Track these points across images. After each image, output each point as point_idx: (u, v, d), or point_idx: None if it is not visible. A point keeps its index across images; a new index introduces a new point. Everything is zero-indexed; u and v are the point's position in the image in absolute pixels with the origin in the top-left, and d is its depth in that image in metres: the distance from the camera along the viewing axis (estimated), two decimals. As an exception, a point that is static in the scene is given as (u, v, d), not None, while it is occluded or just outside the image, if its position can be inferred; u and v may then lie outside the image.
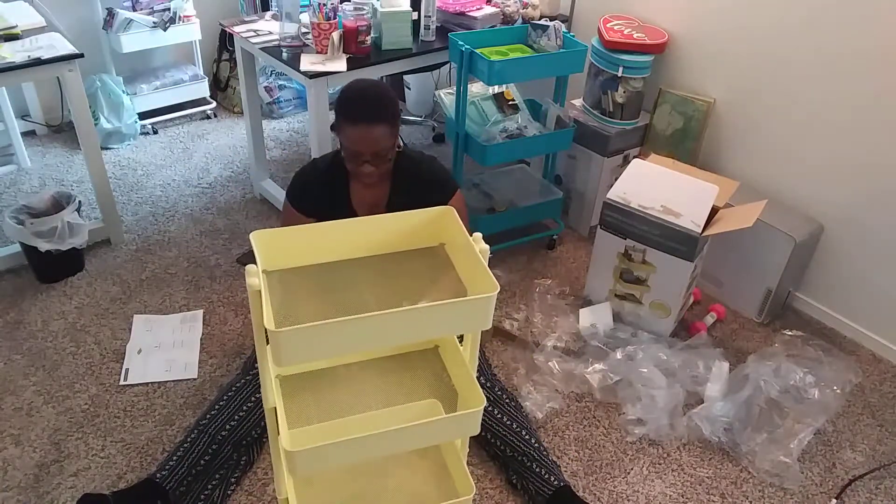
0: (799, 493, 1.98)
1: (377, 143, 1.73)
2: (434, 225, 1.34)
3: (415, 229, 1.33)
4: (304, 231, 1.28)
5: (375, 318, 1.07)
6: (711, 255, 2.59)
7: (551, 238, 2.94)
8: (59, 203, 2.58)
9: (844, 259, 2.49)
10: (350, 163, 1.79)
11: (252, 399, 1.86)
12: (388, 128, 1.73)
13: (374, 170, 1.78)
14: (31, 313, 2.45)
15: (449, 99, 2.72)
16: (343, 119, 1.73)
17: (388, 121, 1.74)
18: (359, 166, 1.77)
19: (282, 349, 1.06)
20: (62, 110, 3.57)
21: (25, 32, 2.47)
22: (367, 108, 1.73)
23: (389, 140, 1.75)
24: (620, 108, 2.81)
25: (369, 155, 1.75)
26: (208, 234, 2.91)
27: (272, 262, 1.25)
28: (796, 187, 2.56)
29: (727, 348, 2.44)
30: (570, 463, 2.02)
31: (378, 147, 1.74)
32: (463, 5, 2.81)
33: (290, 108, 3.96)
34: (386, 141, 1.74)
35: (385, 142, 1.74)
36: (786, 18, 2.41)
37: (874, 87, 2.24)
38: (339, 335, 1.08)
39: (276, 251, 1.25)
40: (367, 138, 1.72)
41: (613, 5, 2.98)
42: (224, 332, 2.41)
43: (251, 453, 1.91)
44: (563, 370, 2.28)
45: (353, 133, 1.72)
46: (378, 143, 1.73)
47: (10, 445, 1.98)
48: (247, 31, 2.70)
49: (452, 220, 1.31)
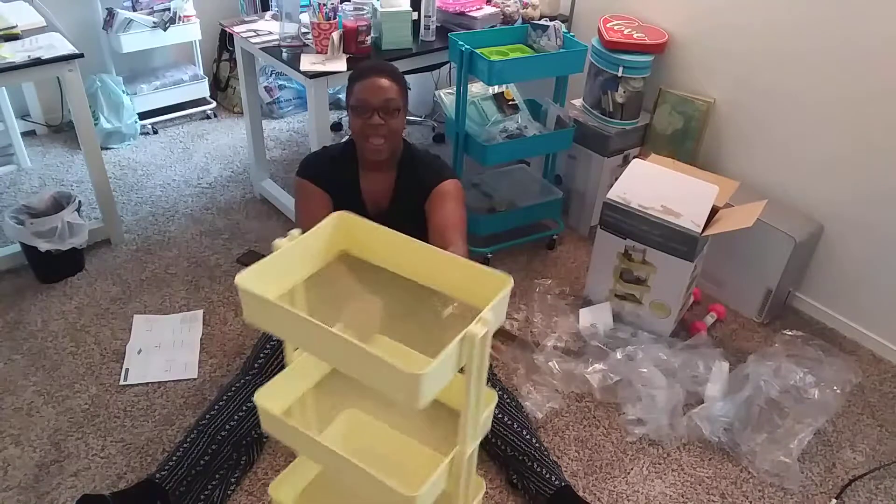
0: (799, 493, 1.98)
1: (385, 93, 1.80)
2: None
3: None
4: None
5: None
6: (711, 255, 2.59)
7: (551, 238, 2.94)
8: (59, 203, 2.58)
9: (844, 259, 2.49)
10: (359, 118, 1.83)
11: (252, 399, 1.86)
12: (394, 84, 1.82)
13: (382, 122, 1.81)
14: (31, 313, 2.44)
15: (449, 99, 2.72)
16: (354, 80, 1.83)
17: (397, 79, 1.83)
18: (368, 119, 1.81)
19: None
20: (62, 110, 3.57)
21: (25, 32, 2.47)
22: (376, 65, 1.86)
23: (397, 95, 1.82)
24: (620, 108, 2.81)
25: (378, 103, 1.79)
26: (208, 234, 2.91)
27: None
28: (796, 187, 2.56)
29: (727, 348, 2.44)
30: (570, 463, 2.02)
31: (386, 97, 1.80)
32: (463, 5, 2.81)
33: (290, 108, 3.96)
34: (393, 94, 1.81)
35: (392, 94, 1.81)
36: (786, 18, 2.41)
37: (875, 87, 2.24)
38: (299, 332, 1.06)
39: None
40: (375, 87, 1.79)
41: (613, 5, 2.99)
42: (224, 332, 2.41)
43: (251, 453, 1.91)
44: (563, 370, 2.28)
45: (363, 85, 1.81)
46: (386, 93, 1.80)
47: (10, 445, 1.98)
48: (247, 31, 2.70)
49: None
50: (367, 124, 1.82)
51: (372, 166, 1.94)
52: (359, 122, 1.83)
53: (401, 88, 1.85)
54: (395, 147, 1.91)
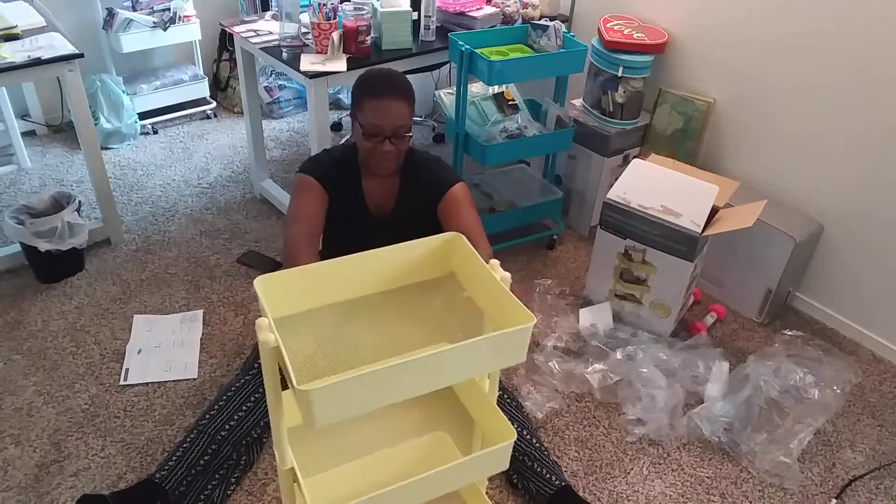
0: (799, 493, 1.98)
1: (399, 119, 1.77)
2: (442, 252, 1.27)
3: (423, 260, 1.26)
4: (309, 271, 1.19)
5: (417, 362, 0.99)
6: (711, 255, 2.59)
7: (551, 238, 2.94)
8: (59, 203, 2.58)
9: (844, 259, 2.49)
10: (370, 141, 1.80)
11: (251, 399, 1.86)
12: (407, 105, 1.79)
13: (392, 148, 1.80)
14: (31, 313, 2.44)
15: (449, 99, 2.72)
16: (365, 96, 1.78)
17: (408, 98, 1.80)
18: (379, 144, 1.79)
19: (314, 409, 0.94)
20: (62, 110, 3.57)
21: (25, 32, 2.47)
22: (390, 83, 1.79)
23: (408, 118, 1.80)
24: (620, 108, 2.81)
25: (390, 131, 1.78)
26: (208, 234, 2.91)
27: (280, 307, 1.15)
28: (796, 187, 2.56)
29: (727, 348, 2.44)
30: (570, 463, 2.02)
31: (399, 123, 1.78)
32: (463, 5, 2.81)
33: (290, 108, 3.96)
34: (405, 119, 1.79)
35: (405, 119, 1.79)
36: (786, 19, 2.41)
37: (875, 87, 2.24)
38: (376, 386, 0.97)
39: (282, 296, 1.16)
40: (389, 112, 1.76)
41: (613, 5, 2.98)
42: (224, 332, 2.40)
43: (251, 453, 1.91)
44: (563, 370, 2.28)
45: (376, 106, 1.76)
46: (400, 118, 1.77)
47: (10, 445, 1.98)
48: (247, 31, 2.70)
49: (462, 247, 1.25)
50: (378, 149, 1.80)
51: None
52: (368, 144, 1.81)
53: (412, 107, 1.82)
54: (400, 160, 1.90)
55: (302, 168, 1.93)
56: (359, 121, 1.81)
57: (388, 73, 1.82)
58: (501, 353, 1.08)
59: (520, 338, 1.07)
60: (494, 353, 1.07)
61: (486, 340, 1.04)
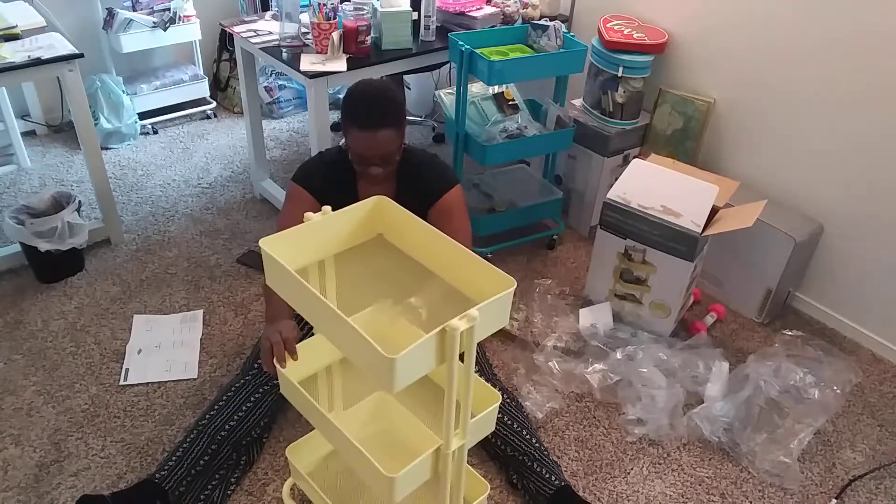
0: (799, 493, 1.98)
1: (384, 147, 1.75)
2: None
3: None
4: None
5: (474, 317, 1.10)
6: (711, 255, 2.59)
7: (551, 238, 2.94)
8: (59, 203, 2.58)
9: (844, 259, 2.49)
10: (357, 165, 1.81)
11: (251, 399, 1.86)
12: (394, 132, 1.75)
13: (381, 171, 1.80)
14: (31, 313, 2.45)
15: (449, 99, 2.72)
16: (350, 123, 1.74)
17: (395, 125, 1.75)
18: (366, 168, 1.79)
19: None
20: (62, 110, 3.57)
21: (25, 32, 2.47)
22: (374, 113, 1.73)
23: (396, 142, 1.77)
24: (620, 108, 2.81)
25: (377, 158, 1.76)
26: (208, 234, 2.91)
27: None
28: (796, 187, 2.56)
29: (727, 348, 2.44)
30: (570, 463, 2.02)
31: (385, 150, 1.75)
32: (463, 5, 2.81)
33: (290, 108, 3.96)
34: (393, 144, 1.76)
35: (392, 145, 1.76)
36: (786, 18, 2.41)
37: (875, 87, 2.24)
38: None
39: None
40: (374, 143, 1.73)
41: (613, 5, 2.99)
42: (224, 332, 2.40)
43: (251, 453, 1.91)
44: (563, 370, 2.28)
45: (361, 138, 1.73)
46: (385, 147, 1.75)
47: (10, 445, 1.98)
48: (247, 31, 2.70)
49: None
50: (365, 171, 1.80)
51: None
52: (356, 163, 1.81)
53: (399, 129, 1.77)
54: (394, 168, 1.88)
55: (295, 176, 1.92)
56: (347, 143, 1.80)
57: (374, 102, 1.74)
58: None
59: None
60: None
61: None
